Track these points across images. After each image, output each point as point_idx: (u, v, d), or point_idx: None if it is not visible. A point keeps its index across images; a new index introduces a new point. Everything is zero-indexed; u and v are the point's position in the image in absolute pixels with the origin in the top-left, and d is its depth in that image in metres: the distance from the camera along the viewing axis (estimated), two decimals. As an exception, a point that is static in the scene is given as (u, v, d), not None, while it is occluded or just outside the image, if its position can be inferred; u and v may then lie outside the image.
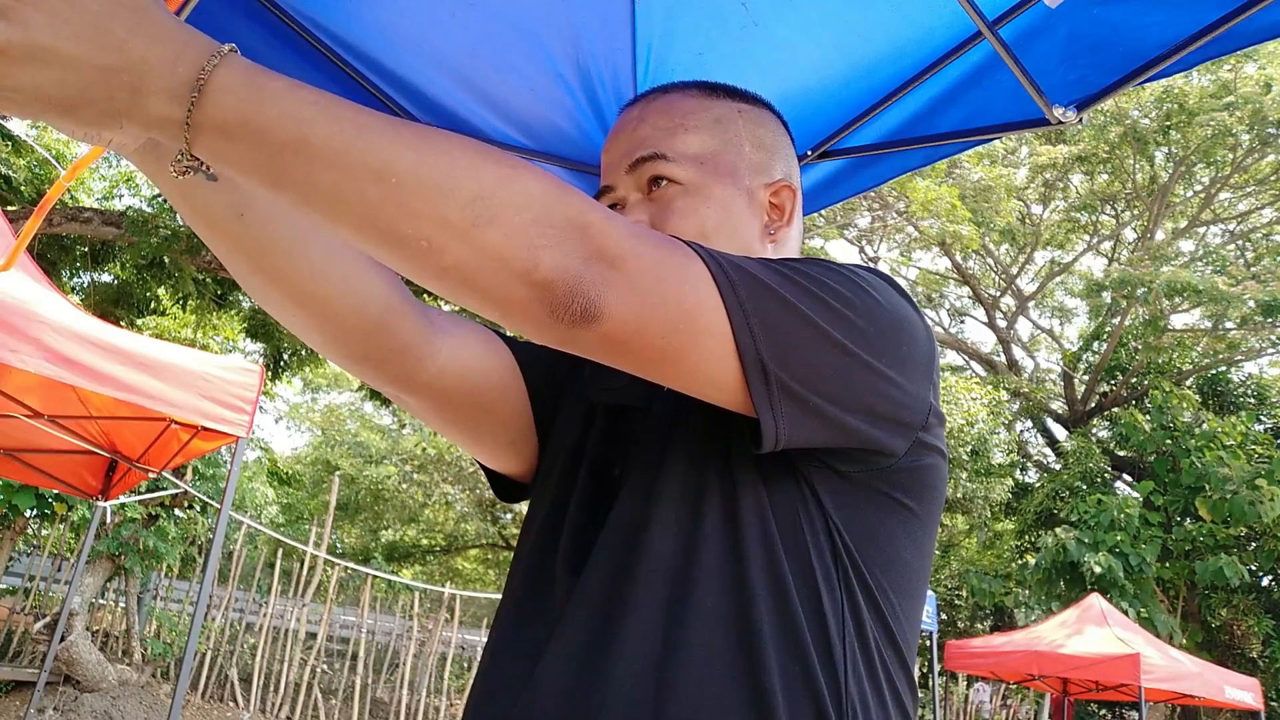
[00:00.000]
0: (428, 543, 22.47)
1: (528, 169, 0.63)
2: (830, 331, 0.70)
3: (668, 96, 0.95)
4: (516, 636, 0.82)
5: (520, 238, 0.60)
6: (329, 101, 0.58)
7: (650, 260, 0.65)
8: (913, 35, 1.53)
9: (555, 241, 0.61)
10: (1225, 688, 8.88)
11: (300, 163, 0.57)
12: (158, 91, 0.54)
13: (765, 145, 0.95)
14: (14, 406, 4.17)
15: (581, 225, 0.63)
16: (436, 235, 0.59)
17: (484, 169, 0.61)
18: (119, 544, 8.39)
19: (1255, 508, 11.94)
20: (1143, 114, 14.93)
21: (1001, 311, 19.47)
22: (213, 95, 0.55)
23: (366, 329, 0.82)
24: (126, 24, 0.53)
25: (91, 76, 0.53)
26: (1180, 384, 15.77)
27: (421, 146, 0.59)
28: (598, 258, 0.63)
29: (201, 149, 0.57)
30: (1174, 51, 1.31)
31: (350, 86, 1.76)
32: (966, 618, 17.53)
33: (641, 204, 0.91)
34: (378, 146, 0.58)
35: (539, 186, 0.62)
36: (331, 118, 0.57)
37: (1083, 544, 12.77)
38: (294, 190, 0.58)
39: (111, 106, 0.54)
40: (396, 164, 0.58)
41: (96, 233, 9.12)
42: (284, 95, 0.57)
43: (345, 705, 10.28)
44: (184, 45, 0.55)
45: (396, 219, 0.58)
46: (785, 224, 0.95)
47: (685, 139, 0.91)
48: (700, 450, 0.79)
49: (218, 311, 10.92)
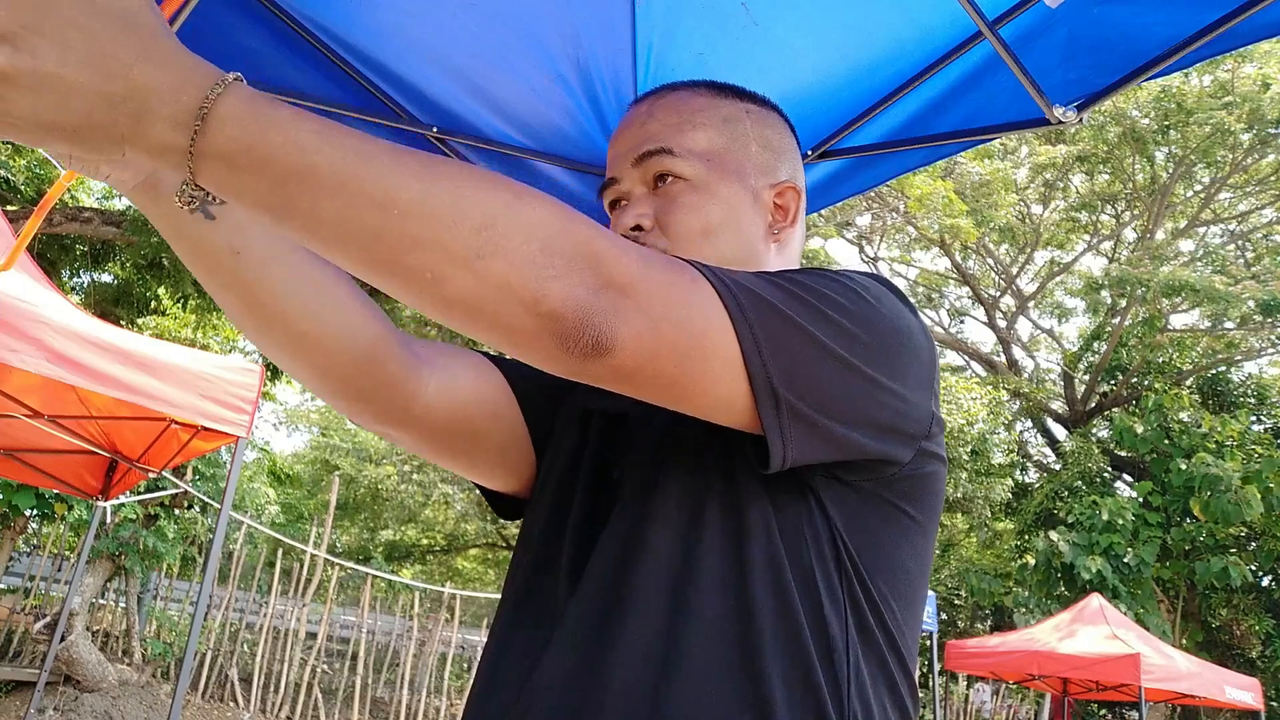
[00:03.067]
0: (427, 542, 22.47)
1: (534, 196, 0.62)
2: (835, 348, 0.70)
3: (677, 94, 0.95)
4: (516, 638, 0.82)
5: (527, 268, 0.59)
6: (334, 130, 0.58)
7: (660, 285, 0.64)
8: (913, 35, 1.54)
9: (563, 271, 0.60)
10: (1225, 688, 8.88)
11: (304, 192, 0.56)
12: (162, 119, 0.54)
13: (772, 146, 0.96)
14: (14, 406, 4.17)
15: (590, 253, 0.61)
16: (441, 266, 0.58)
17: (489, 197, 0.60)
18: (119, 544, 8.39)
19: (1238, 508, 11.97)
20: (1142, 114, 14.93)
21: (1001, 311, 19.47)
22: (216, 123, 0.54)
23: (356, 362, 0.82)
24: (132, 50, 0.53)
25: (95, 103, 0.52)
26: (1180, 384, 15.76)
27: (426, 175, 0.58)
28: (607, 286, 0.62)
29: (205, 178, 0.56)
30: (1174, 51, 1.31)
31: (350, 86, 1.76)
32: (966, 618, 17.53)
33: (647, 198, 0.91)
34: (381, 175, 0.57)
35: (546, 214, 0.61)
36: (336, 146, 0.57)
37: (1077, 546, 12.78)
38: (298, 220, 0.58)
39: (115, 133, 0.54)
40: (400, 193, 0.57)
41: (96, 233, 9.12)
42: (288, 123, 0.56)
43: (345, 705, 10.28)
44: (189, 72, 0.55)
45: (400, 249, 0.58)
46: (789, 225, 0.95)
47: (693, 135, 0.91)
48: (701, 455, 0.79)
49: (218, 311, 10.91)
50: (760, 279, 0.72)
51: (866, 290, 0.76)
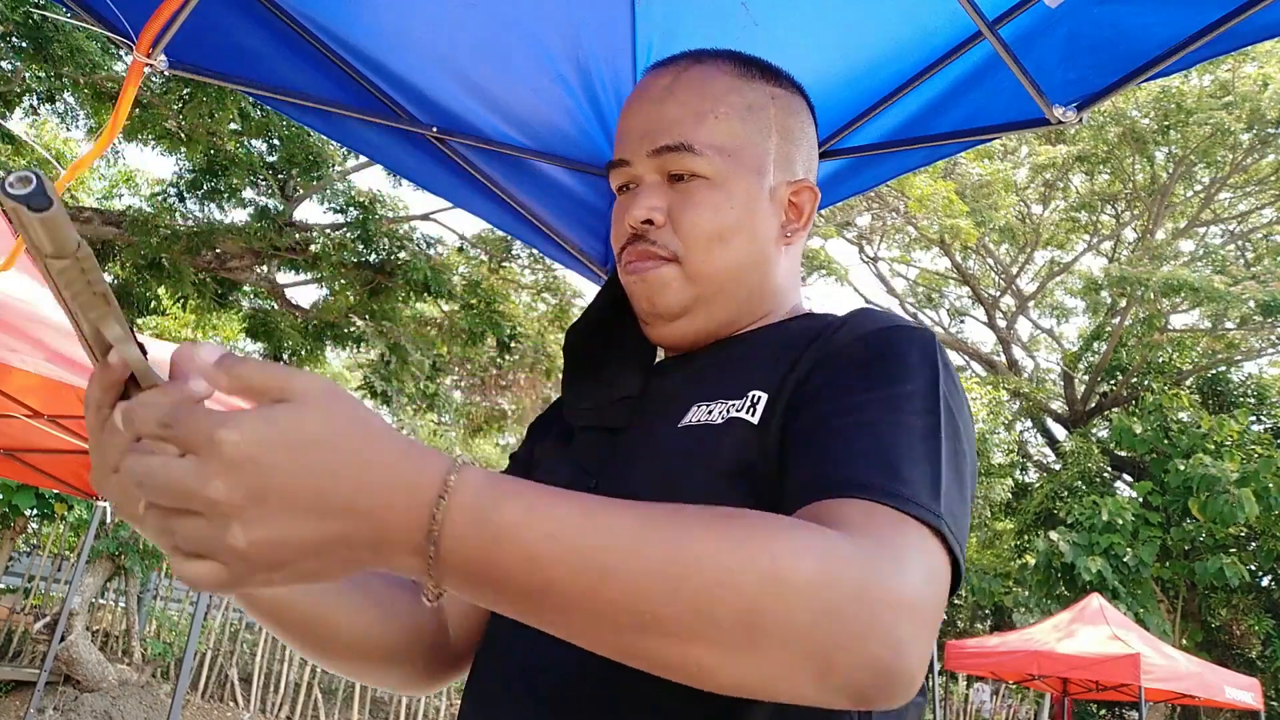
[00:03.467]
0: (427, 543, 22.46)
1: (789, 553, 0.55)
2: (970, 492, 0.73)
3: (701, 70, 0.89)
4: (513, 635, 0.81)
5: (804, 645, 0.53)
6: (570, 532, 0.53)
7: (935, 590, 0.61)
8: (913, 35, 1.54)
9: (846, 637, 0.54)
10: (1225, 688, 8.87)
11: (545, 605, 0.54)
12: (397, 548, 0.52)
13: (793, 137, 0.92)
14: (14, 406, 4.17)
15: (869, 604, 0.55)
16: (706, 659, 0.54)
17: (743, 576, 0.53)
18: (119, 544, 8.39)
19: (1231, 509, 11.97)
20: (1142, 114, 14.94)
21: (1001, 311, 19.47)
22: (448, 545, 0.52)
23: (409, 653, 0.86)
24: (350, 481, 0.51)
25: (335, 546, 0.51)
26: (1180, 384, 15.77)
27: (670, 568, 0.53)
28: (892, 629, 0.56)
29: (448, 586, 0.55)
30: (1174, 51, 1.31)
31: (350, 86, 1.76)
32: (966, 617, 17.54)
33: (660, 189, 0.87)
34: (624, 585, 0.53)
35: (810, 572, 0.54)
36: (572, 556, 0.53)
37: (1078, 546, 12.78)
38: (545, 623, 0.56)
39: (356, 562, 0.53)
40: (648, 599, 0.53)
41: (96, 233, 9.12)
42: (520, 533, 0.53)
43: (345, 705, 10.28)
44: (410, 490, 0.52)
45: (659, 653, 0.54)
46: (802, 227, 0.93)
47: (714, 127, 0.86)
48: (677, 471, 0.78)
49: (218, 311, 10.92)
50: (954, 471, 0.69)
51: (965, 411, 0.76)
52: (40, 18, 7.15)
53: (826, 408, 0.72)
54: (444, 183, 1.99)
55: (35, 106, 9.02)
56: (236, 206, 10.00)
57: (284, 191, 10.10)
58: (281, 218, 9.63)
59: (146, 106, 8.32)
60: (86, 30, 7.18)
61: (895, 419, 0.69)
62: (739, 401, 0.78)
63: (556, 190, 2.02)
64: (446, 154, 1.92)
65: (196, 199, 9.65)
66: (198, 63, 1.61)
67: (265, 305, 10.91)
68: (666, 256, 0.85)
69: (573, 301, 12.13)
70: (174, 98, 8.28)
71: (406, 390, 10.69)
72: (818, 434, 0.70)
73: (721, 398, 0.79)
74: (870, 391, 0.71)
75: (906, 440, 0.68)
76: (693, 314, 0.86)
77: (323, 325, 10.29)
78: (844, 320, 0.81)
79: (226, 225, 9.35)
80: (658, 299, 0.86)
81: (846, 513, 0.62)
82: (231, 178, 9.32)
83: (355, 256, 9.34)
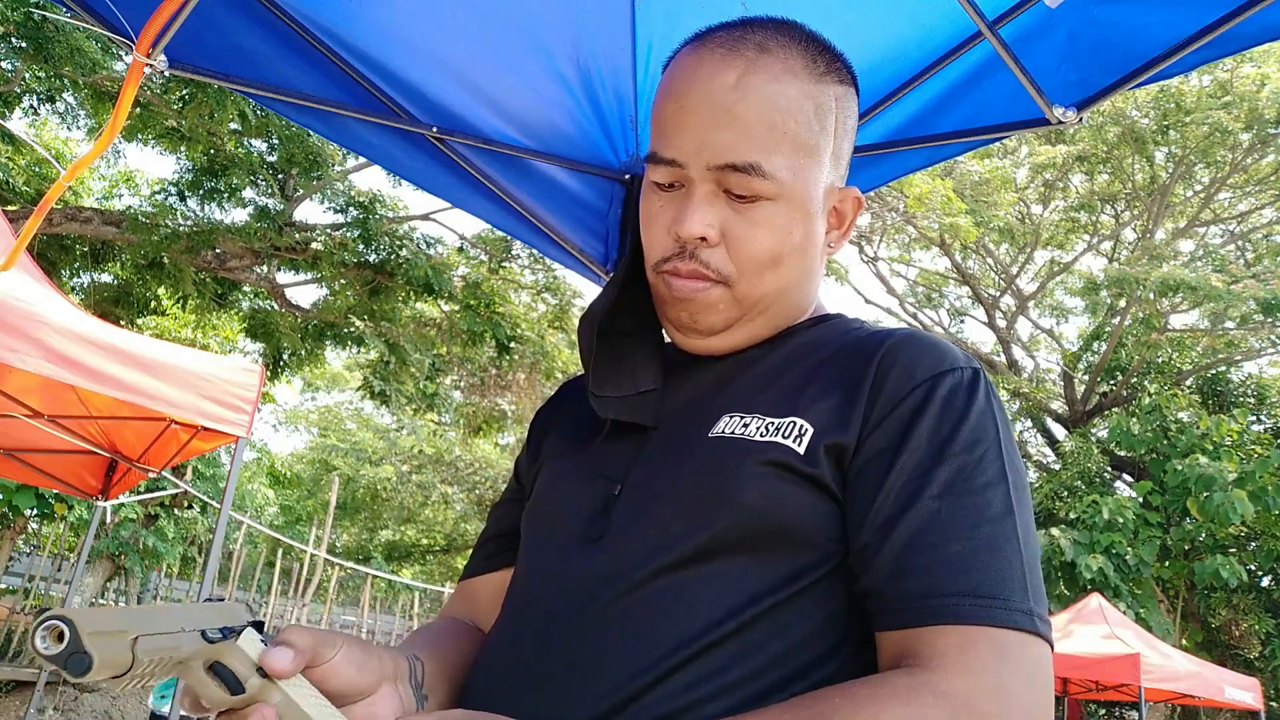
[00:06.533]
0: (427, 542, 22.48)
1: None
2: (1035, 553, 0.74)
3: (771, 69, 0.79)
4: (512, 634, 0.81)
5: None
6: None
7: (1038, 693, 0.65)
8: (913, 35, 1.54)
9: None
10: (1225, 688, 8.88)
11: None
12: None
13: (848, 135, 0.87)
14: (14, 406, 4.18)
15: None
16: None
17: None
18: (119, 544, 8.39)
19: (1225, 510, 11.98)
20: (1141, 114, 14.95)
21: (1001, 311, 19.47)
22: None
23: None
24: None
25: None
26: (1180, 384, 15.77)
27: None
28: None
29: None
30: (1174, 52, 1.31)
31: (350, 86, 1.76)
32: (966, 617, 17.52)
33: (715, 202, 0.79)
34: None
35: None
36: None
37: (1079, 545, 12.79)
38: None
39: None
40: None
41: (96, 233, 9.12)
42: None
43: (345, 705, 10.26)
44: None
45: None
46: (844, 234, 0.89)
47: (784, 145, 0.78)
48: (706, 476, 0.75)
49: (218, 311, 10.92)
50: (1027, 541, 0.71)
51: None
52: (40, 18, 7.15)
53: (899, 487, 0.71)
54: (444, 183, 1.99)
55: (35, 106, 9.03)
56: (236, 206, 10.00)
57: (284, 191, 10.10)
58: (281, 217, 9.64)
59: (146, 106, 8.32)
60: (86, 30, 7.18)
61: (972, 501, 0.70)
62: (777, 422, 0.75)
63: (556, 190, 2.02)
64: (446, 154, 1.92)
65: (196, 199, 9.66)
66: (197, 63, 1.61)
67: (265, 305, 10.92)
68: (717, 279, 0.80)
69: (573, 301, 12.13)
70: (174, 98, 8.28)
71: (406, 390, 10.69)
72: (896, 529, 0.70)
73: (757, 412, 0.77)
74: (941, 465, 0.71)
75: (989, 531, 0.69)
76: (734, 330, 0.84)
77: (323, 325, 10.29)
78: (893, 355, 0.77)
79: (226, 225, 9.35)
80: (701, 317, 0.82)
81: (942, 647, 0.64)
82: (231, 177, 9.33)
83: (355, 256, 9.34)
